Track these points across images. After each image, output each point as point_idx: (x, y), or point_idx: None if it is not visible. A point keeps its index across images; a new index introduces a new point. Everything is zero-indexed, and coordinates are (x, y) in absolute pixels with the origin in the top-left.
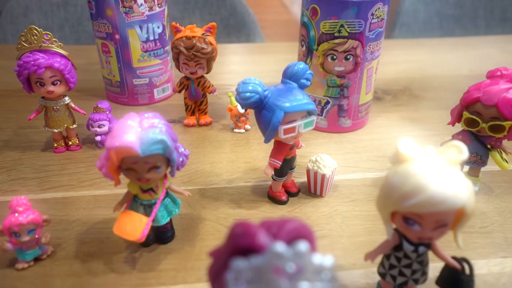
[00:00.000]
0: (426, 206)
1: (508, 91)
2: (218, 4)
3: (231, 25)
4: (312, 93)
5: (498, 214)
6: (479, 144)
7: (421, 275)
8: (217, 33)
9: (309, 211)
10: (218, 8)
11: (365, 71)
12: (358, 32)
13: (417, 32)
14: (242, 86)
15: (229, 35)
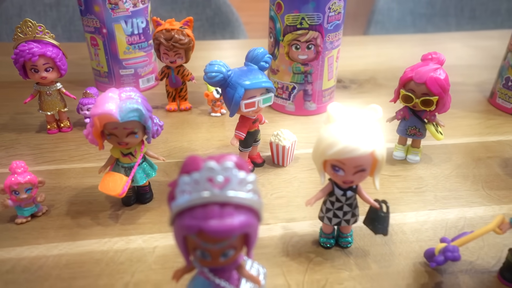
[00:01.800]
0: (344, 153)
1: (435, 71)
2: (204, 4)
3: (216, 24)
4: (280, 79)
5: (433, 178)
6: (417, 118)
7: (351, 216)
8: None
9: (271, 178)
10: (204, 8)
11: (326, 59)
12: (317, 24)
13: (391, 30)
14: (209, 67)
15: (214, 33)
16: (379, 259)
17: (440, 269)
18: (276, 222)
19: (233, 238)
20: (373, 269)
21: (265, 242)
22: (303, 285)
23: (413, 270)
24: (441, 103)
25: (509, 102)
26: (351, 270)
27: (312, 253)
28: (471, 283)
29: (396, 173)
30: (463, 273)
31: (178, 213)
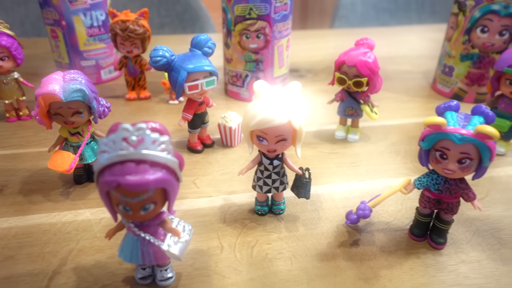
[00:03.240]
0: (264, 123)
1: (365, 55)
2: (174, 0)
3: (186, 20)
4: (234, 68)
5: (368, 154)
6: (352, 99)
7: (280, 184)
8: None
9: (219, 157)
10: (173, 5)
11: (276, 48)
12: (265, 14)
13: (356, 24)
14: (153, 52)
15: (184, 29)
16: (307, 223)
17: (359, 228)
18: (218, 194)
19: (150, 192)
20: (300, 231)
21: (205, 211)
22: (235, 246)
23: (336, 231)
24: (372, 84)
25: (447, 87)
26: (280, 233)
27: (247, 220)
28: (384, 240)
29: (335, 151)
30: (379, 231)
31: (100, 171)
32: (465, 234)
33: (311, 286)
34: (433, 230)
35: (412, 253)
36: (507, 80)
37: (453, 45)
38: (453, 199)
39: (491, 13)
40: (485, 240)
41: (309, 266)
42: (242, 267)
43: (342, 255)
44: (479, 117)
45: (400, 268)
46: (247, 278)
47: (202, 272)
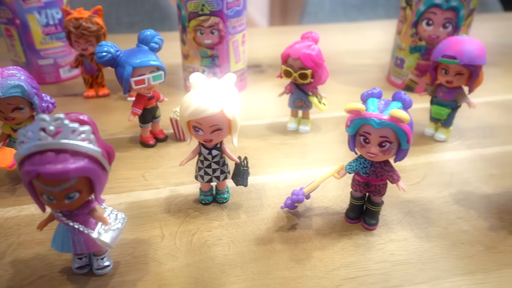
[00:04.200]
0: (197, 113)
1: (308, 48)
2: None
3: (155, 18)
4: (191, 64)
5: (317, 144)
6: (301, 91)
7: (221, 173)
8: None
9: (171, 150)
10: (142, 3)
11: (231, 43)
12: (217, 10)
13: (324, 20)
14: (98, 47)
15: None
16: (249, 210)
17: (299, 214)
18: (165, 186)
19: (72, 181)
20: (242, 218)
21: (151, 203)
22: (176, 234)
23: (276, 217)
24: (317, 76)
25: (399, 78)
26: (222, 220)
27: (191, 209)
28: (321, 223)
29: (285, 141)
30: (317, 216)
31: (21, 162)
32: (398, 215)
33: (244, 269)
34: (365, 213)
35: (345, 234)
36: (443, 70)
37: (403, 38)
38: (379, 181)
39: (434, 7)
40: (415, 220)
41: (245, 250)
42: (180, 254)
43: (278, 239)
44: (398, 102)
45: (332, 249)
46: (183, 264)
47: (140, 260)
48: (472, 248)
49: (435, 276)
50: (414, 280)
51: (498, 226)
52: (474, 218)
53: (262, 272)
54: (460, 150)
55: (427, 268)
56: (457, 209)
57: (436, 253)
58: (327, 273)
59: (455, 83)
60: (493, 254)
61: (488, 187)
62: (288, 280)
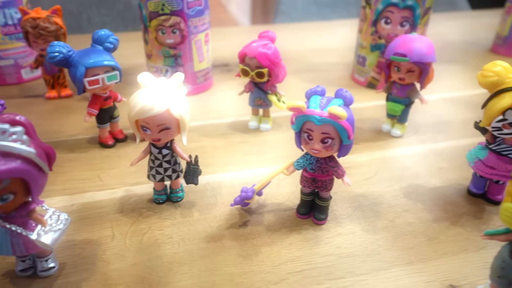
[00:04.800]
0: (143, 113)
1: (264, 47)
2: None
3: (127, 18)
4: (154, 63)
5: (276, 142)
6: (260, 90)
7: (172, 172)
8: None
9: (130, 151)
10: (114, 3)
11: (193, 43)
12: (178, 10)
13: (297, 19)
14: (50, 48)
15: (126, 27)
16: (202, 208)
17: (251, 210)
18: (120, 186)
19: (4, 183)
20: (195, 216)
21: (104, 203)
22: (127, 234)
23: (229, 214)
24: (274, 74)
25: (362, 76)
26: (175, 219)
27: (144, 209)
28: (272, 219)
29: (245, 140)
30: (269, 212)
31: None
32: (348, 209)
33: (192, 266)
34: (315, 208)
35: (295, 230)
36: (395, 67)
37: (364, 36)
38: (325, 177)
39: (391, 6)
40: (364, 214)
41: (195, 248)
42: (129, 253)
43: (229, 235)
44: (339, 99)
45: (280, 244)
46: (131, 263)
47: (87, 260)
48: (415, 239)
49: (377, 267)
50: (356, 272)
51: (442, 218)
52: (420, 210)
53: (209, 269)
54: (415, 145)
55: (370, 259)
56: (405, 202)
57: (380, 245)
58: (273, 267)
59: (407, 80)
60: (434, 244)
61: (437, 180)
62: (234, 275)
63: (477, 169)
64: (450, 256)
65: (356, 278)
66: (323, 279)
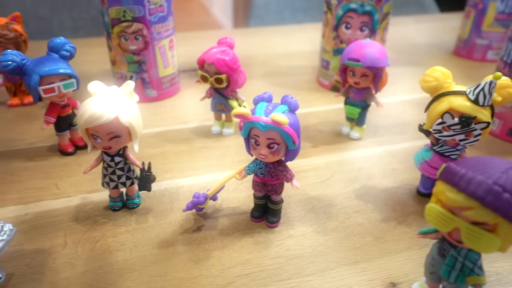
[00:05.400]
0: (92, 122)
1: (222, 53)
2: (86, 3)
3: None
4: (118, 69)
5: (237, 146)
6: (220, 95)
7: (127, 179)
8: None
9: (91, 158)
10: (86, 8)
11: (157, 49)
12: (140, 16)
13: (271, 22)
14: (2, 56)
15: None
16: (158, 214)
17: (206, 215)
18: (77, 194)
19: None
20: (149, 223)
21: (59, 212)
22: (79, 242)
23: (184, 220)
24: (233, 80)
25: (326, 79)
26: (129, 225)
27: (99, 216)
28: (226, 224)
29: (207, 144)
30: (224, 216)
31: None
32: (301, 212)
33: (142, 272)
34: (267, 211)
35: (248, 233)
36: (350, 72)
37: (327, 40)
38: (275, 181)
39: (351, 11)
40: (316, 216)
41: (147, 254)
42: (80, 261)
43: (182, 241)
44: (284, 106)
45: (232, 248)
46: (81, 271)
47: (36, 270)
48: (362, 239)
49: (324, 267)
50: (303, 273)
51: (390, 218)
52: (371, 211)
53: (159, 274)
54: (372, 147)
55: (318, 260)
56: (357, 204)
57: (329, 246)
58: (223, 271)
59: (362, 84)
60: (380, 243)
61: (389, 181)
62: (183, 280)
63: (423, 170)
64: (394, 254)
65: (302, 279)
66: (270, 281)
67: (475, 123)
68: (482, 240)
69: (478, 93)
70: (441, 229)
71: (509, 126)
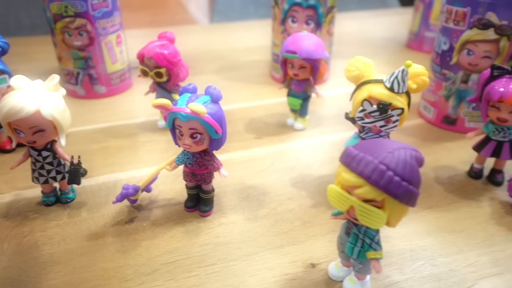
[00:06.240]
0: (12, 115)
1: (161, 47)
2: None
3: None
4: (65, 66)
5: None
6: (163, 90)
7: (57, 174)
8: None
9: None
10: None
11: (104, 44)
12: (82, 12)
13: (235, 18)
14: None
15: None
16: (92, 208)
17: (141, 207)
18: (11, 191)
19: None
20: (82, 216)
21: None
22: (6, 238)
23: (117, 212)
24: (173, 74)
25: (278, 73)
26: (61, 220)
27: (31, 212)
28: (160, 214)
29: (152, 139)
30: (159, 207)
31: None
32: (235, 200)
33: (67, 265)
34: (200, 201)
35: (180, 223)
36: (289, 64)
37: (276, 34)
38: (203, 170)
39: (296, 5)
40: (250, 204)
41: (75, 247)
42: (4, 257)
43: (112, 232)
44: (207, 96)
45: (161, 237)
46: (3, 267)
47: None
48: (291, 224)
49: (249, 252)
50: (228, 258)
51: (320, 203)
52: (303, 197)
53: (84, 266)
54: (314, 137)
55: (244, 246)
56: (291, 191)
57: (258, 232)
58: (149, 260)
59: (301, 76)
60: (306, 227)
61: (325, 169)
62: (108, 270)
63: None
64: (318, 237)
65: (226, 263)
66: (194, 267)
67: (392, 110)
68: (372, 216)
69: (393, 81)
70: (340, 208)
71: (444, 113)
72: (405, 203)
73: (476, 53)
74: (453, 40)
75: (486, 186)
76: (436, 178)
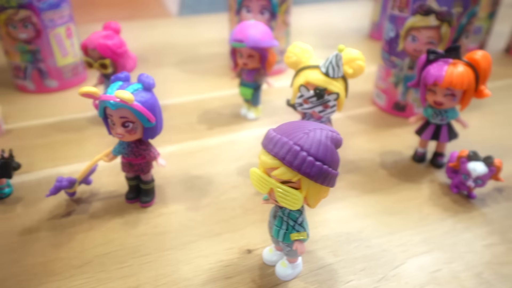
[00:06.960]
0: None
1: (105, 38)
2: None
3: None
4: (13, 60)
5: None
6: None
7: None
8: None
9: None
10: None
11: (52, 37)
12: (26, 3)
13: (205, 11)
14: None
15: None
16: (29, 203)
17: (81, 200)
18: None
19: None
20: (17, 212)
21: None
22: None
23: (54, 206)
24: (119, 65)
25: None
26: None
27: None
28: (99, 207)
29: (100, 132)
30: (99, 200)
31: None
32: (179, 190)
33: None
34: (141, 191)
35: (119, 214)
36: (238, 53)
37: (232, 25)
38: (140, 160)
39: None
40: (193, 194)
41: (5, 242)
42: None
43: (47, 226)
44: (138, 84)
45: (98, 229)
46: None
47: None
48: (232, 212)
49: (186, 241)
50: (163, 248)
51: None
52: (248, 186)
53: (12, 261)
54: (266, 126)
55: (182, 235)
56: (235, 180)
57: (198, 221)
58: (82, 252)
59: (250, 65)
60: (247, 215)
61: None
62: (36, 265)
63: None
64: (258, 224)
65: (161, 253)
66: (128, 258)
67: (328, 94)
68: (288, 197)
69: (328, 66)
70: (261, 191)
71: (394, 100)
72: (321, 183)
73: (420, 39)
74: (399, 27)
75: (428, 169)
76: (382, 163)
